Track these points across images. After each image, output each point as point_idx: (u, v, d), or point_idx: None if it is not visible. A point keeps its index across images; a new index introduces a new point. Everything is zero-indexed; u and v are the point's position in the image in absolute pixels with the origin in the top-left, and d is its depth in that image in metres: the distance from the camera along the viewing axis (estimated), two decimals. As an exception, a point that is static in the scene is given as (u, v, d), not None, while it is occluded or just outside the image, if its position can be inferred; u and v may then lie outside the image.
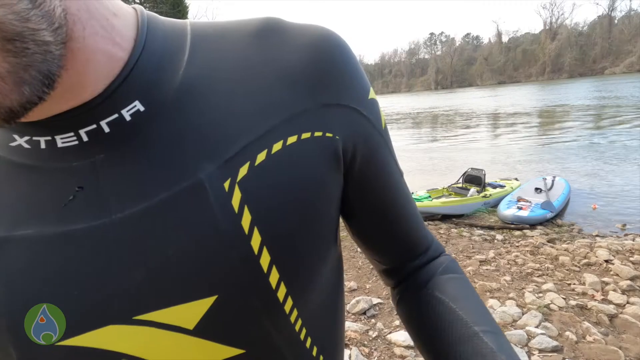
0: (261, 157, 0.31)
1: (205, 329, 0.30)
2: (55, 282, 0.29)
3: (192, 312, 0.30)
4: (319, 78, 0.34)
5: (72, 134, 0.28)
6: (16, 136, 0.29)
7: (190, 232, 0.29)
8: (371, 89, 0.39)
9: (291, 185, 0.32)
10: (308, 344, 0.38)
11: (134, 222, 0.29)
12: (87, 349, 0.29)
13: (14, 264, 0.29)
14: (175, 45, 0.32)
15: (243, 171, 0.30)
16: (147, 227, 0.29)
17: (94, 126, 0.28)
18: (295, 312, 0.35)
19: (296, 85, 0.33)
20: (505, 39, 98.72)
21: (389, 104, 48.63)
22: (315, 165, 0.33)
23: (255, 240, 0.30)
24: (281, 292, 0.33)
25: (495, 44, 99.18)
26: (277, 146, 0.32)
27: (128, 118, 0.29)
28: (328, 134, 0.34)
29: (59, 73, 0.24)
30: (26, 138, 0.29)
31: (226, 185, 0.30)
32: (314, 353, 0.39)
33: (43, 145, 0.29)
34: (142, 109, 0.29)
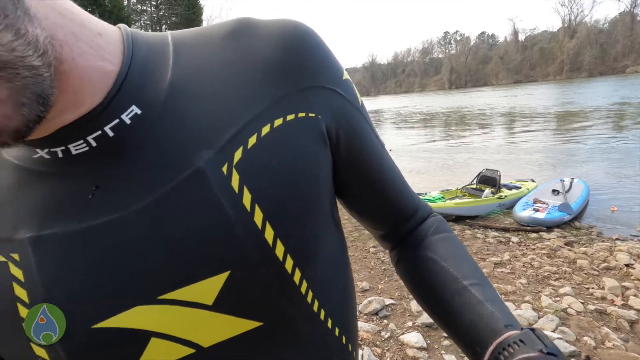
0: (252, 140, 0.34)
1: (223, 304, 0.33)
2: (83, 273, 0.31)
3: (209, 288, 0.33)
4: (294, 65, 0.38)
5: (82, 141, 0.32)
6: (37, 149, 0.32)
7: (197, 215, 0.32)
8: (344, 71, 0.43)
9: (283, 161, 0.35)
10: (322, 316, 0.41)
11: (148, 212, 0.32)
12: (120, 330, 0.32)
13: (50, 260, 0.31)
14: (160, 53, 0.36)
15: (238, 155, 0.34)
16: (160, 215, 0.32)
17: (99, 132, 0.32)
18: (305, 284, 0.38)
19: (274, 74, 0.37)
20: (521, 37, 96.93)
21: (407, 104, 48.00)
22: (303, 142, 0.37)
23: (258, 217, 0.33)
24: (288, 264, 0.35)
25: (511, 42, 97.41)
26: (265, 129, 0.35)
27: (128, 121, 0.32)
28: (311, 114, 0.38)
29: (53, 92, 0.27)
30: (46, 150, 0.32)
31: (224, 169, 0.33)
32: (329, 325, 0.42)
33: (60, 155, 0.32)
34: (139, 112, 0.33)
